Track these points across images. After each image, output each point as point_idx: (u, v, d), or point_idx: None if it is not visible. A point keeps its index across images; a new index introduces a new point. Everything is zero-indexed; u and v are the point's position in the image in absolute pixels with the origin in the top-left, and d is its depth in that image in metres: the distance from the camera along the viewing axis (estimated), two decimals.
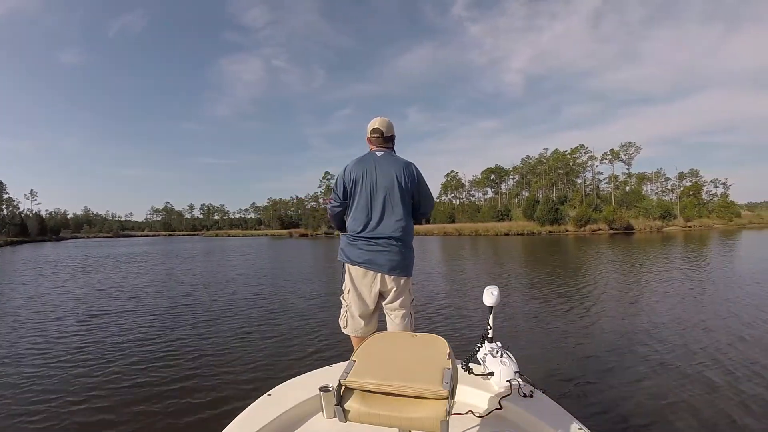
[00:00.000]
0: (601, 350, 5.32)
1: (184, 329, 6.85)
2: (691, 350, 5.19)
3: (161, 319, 7.62)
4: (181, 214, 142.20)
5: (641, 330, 6.18)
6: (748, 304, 7.88)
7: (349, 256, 2.40)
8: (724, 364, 4.64)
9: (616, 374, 4.45)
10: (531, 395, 1.67)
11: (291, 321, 7.34)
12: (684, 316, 6.99)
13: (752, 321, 6.55)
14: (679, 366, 4.63)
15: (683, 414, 3.51)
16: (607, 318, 7.07)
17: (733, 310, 7.40)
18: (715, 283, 10.41)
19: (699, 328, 6.24)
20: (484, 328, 2.04)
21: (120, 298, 10.08)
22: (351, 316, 2.43)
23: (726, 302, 8.07)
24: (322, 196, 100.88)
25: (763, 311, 7.21)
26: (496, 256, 21.95)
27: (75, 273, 16.74)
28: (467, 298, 9.15)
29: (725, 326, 6.27)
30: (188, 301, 9.48)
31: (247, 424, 1.53)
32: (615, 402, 3.78)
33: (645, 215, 56.77)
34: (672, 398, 3.82)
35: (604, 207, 58.19)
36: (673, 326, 6.36)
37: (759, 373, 4.36)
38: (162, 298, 9.99)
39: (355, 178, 2.43)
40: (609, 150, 73.11)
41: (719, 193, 69.94)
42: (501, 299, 2.08)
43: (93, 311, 8.47)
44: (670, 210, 58.38)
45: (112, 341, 6.15)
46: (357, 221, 2.41)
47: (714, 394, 3.88)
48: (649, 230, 52.38)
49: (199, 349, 5.67)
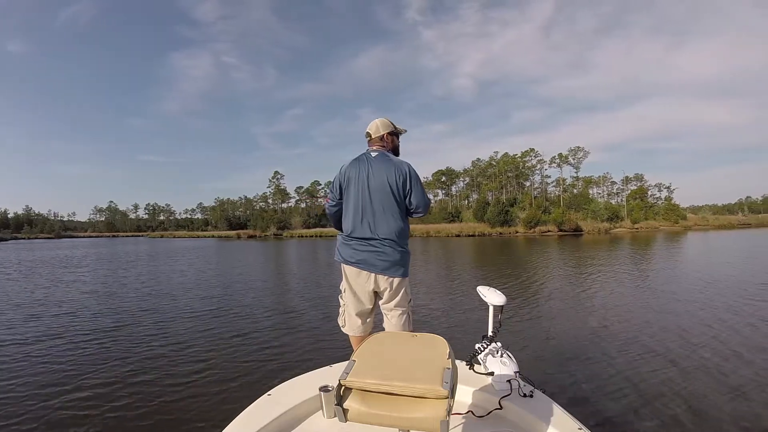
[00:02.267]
0: (601, 350, 5.35)
1: (184, 329, 6.89)
2: (690, 349, 5.27)
3: (161, 320, 7.65)
4: (126, 214, 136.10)
5: (641, 330, 6.23)
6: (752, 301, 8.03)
7: (343, 256, 2.42)
8: (729, 361, 4.74)
9: (616, 374, 4.47)
10: (531, 395, 1.67)
11: (291, 321, 7.38)
12: (675, 313, 7.21)
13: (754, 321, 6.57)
14: (679, 365, 4.69)
15: (683, 413, 3.57)
16: (606, 317, 7.13)
17: (733, 305, 7.62)
18: (700, 281, 10.79)
19: (693, 325, 6.41)
20: (489, 328, 2.05)
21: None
22: (349, 315, 2.46)
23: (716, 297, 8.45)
24: (271, 196, 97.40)
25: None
26: (458, 257, 21.87)
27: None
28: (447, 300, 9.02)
29: (727, 325, 6.37)
30: (189, 301, 9.54)
31: (247, 424, 1.53)
32: (615, 402, 3.82)
33: (593, 217, 57.86)
34: (672, 398, 3.87)
35: (553, 209, 59.21)
36: (667, 323, 6.52)
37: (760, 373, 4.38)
38: (163, 300, 9.85)
39: (349, 178, 2.45)
40: (558, 154, 75.64)
41: (663, 197, 72.80)
42: (505, 300, 2.05)
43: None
44: (617, 212, 59.82)
45: (106, 341, 6.19)
46: (350, 221, 2.43)
47: (714, 393, 3.94)
48: (597, 232, 53.04)
49: (199, 350, 5.72)
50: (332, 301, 8.73)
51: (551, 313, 7.60)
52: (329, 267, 17.02)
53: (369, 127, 2.57)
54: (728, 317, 6.83)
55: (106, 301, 9.70)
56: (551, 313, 7.54)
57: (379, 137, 2.54)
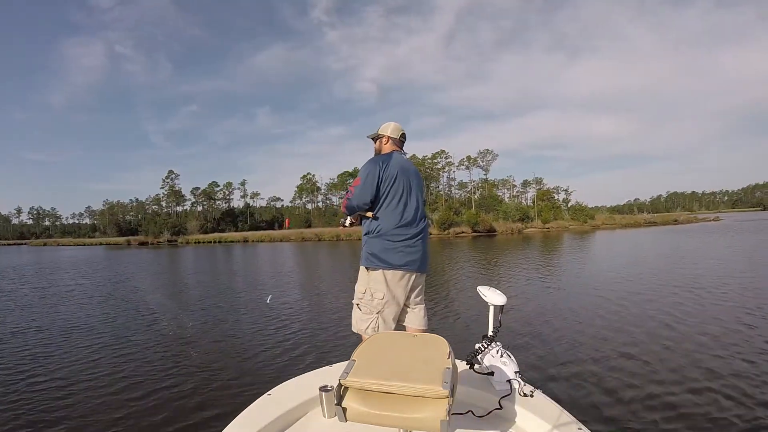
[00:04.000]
0: (600, 349, 5.40)
1: (184, 330, 7.12)
2: (689, 347, 5.34)
3: (162, 320, 7.96)
4: (8, 219, 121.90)
5: (640, 330, 6.26)
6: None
7: (389, 261, 2.36)
8: (735, 360, 4.80)
9: (616, 374, 4.51)
10: (531, 395, 1.68)
11: (290, 321, 7.54)
12: (663, 310, 7.41)
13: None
14: (679, 364, 4.74)
15: (683, 412, 3.61)
16: (603, 317, 7.15)
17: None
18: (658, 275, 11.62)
19: (687, 323, 6.55)
20: (489, 327, 2.03)
21: None
22: (383, 322, 2.39)
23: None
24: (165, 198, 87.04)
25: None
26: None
27: None
28: None
29: (732, 322, 6.50)
30: (193, 303, 10.07)
31: (247, 423, 1.54)
32: (615, 402, 3.86)
33: (504, 218, 58.01)
34: (672, 397, 3.90)
35: (465, 211, 58.64)
36: (663, 322, 6.63)
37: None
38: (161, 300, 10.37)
39: (391, 177, 2.42)
40: (466, 156, 77.83)
41: (562, 199, 76.36)
42: (505, 300, 2.02)
43: None
44: (527, 213, 60.71)
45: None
46: (394, 220, 2.40)
47: (715, 393, 3.96)
48: (510, 232, 52.98)
49: (199, 350, 5.88)
50: (333, 302, 9.33)
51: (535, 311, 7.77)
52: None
53: (393, 131, 2.65)
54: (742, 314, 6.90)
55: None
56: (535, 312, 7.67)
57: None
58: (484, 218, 55.60)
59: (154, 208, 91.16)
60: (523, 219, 58.08)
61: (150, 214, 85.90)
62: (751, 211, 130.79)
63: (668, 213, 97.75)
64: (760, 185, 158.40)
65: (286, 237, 57.68)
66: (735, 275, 11.03)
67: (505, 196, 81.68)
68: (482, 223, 54.04)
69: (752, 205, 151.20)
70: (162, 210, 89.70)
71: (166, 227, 71.29)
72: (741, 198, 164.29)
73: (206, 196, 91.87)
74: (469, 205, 66.53)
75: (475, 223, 53.37)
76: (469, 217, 54.60)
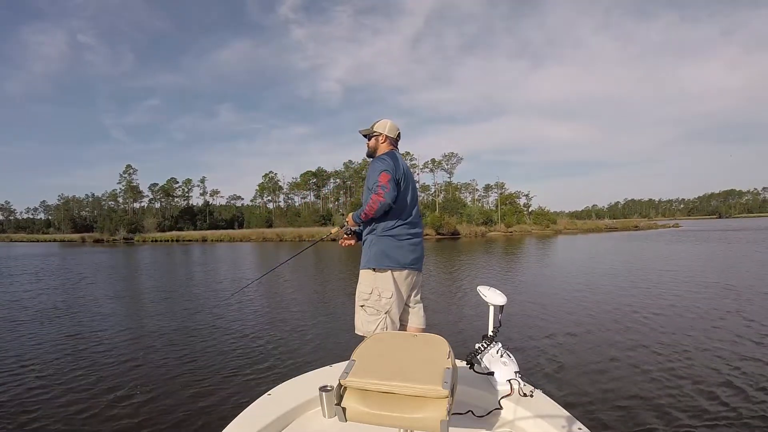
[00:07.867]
0: (599, 350, 5.42)
1: (184, 330, 7.04)
2: (689, 347, 5.34)
3: (160, 322, 7.75)
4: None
5: (639, 330, 6.28)
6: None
7: (399, 260, 2.40)
8: (728, 361, 4.81)
9: (616, 374, 4.54)
10: (531, 395, 1.68)
11: (290, 321, 7.47)
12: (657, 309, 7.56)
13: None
14: (679, 364, 4.75)
15: (683, 412, 3.62)
16: (602, 317, 7.22)
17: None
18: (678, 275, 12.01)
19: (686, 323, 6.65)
20: (489, 327, 2.04)
21: None
22: (391, 322, 2.41)
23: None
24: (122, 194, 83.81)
25: None
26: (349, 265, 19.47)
27: None
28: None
29: (731, 322, 6.61)
30: (189, 302, 9.84)
31: (247, 423, 1.53)
32: (615, 402, 3.86)
33: (468, 221, 58.42)
34: (672, 397, 3.91)
35: (428, 213, 58.63)
36: (662, 320, 6.80)
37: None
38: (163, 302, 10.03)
39: (402, 177, 2.43)
40: (431, 159, 78.30)
41: (522, 204, 77.50)
42: (506, 300, 2.00)
43: None
44: (491, 217, 61.49)
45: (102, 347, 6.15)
46: (402, 220, 2.43)
47: (716, 393, 3.96)
48: (474, 235, 53.35)
49: (199, 350, 5.85)
50: (332, 302, 9.28)
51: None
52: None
53: (390, 129, 2.61)
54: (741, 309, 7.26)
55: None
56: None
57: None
58: (448, 221, 55.69)
59: (110, 204, 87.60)
60: (486, 222, 58.63)
61: (106, 210, 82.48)
62: (707, 219, 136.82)
63: (627, 219, 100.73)
64: (715, 194, 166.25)
65: (246, 237, 56.37)
66: (731, 280, 10.94)
67: (468, 199, 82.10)
68: (446, 226, 54.08)
69: (707, 213, 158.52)
70: (119, 206, 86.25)
71: (122, 224, 68.38)
72: (696, 206, 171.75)
73: (164, 192, 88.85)
74: (432, 207, 66.77)
75: (439, 226, 53.39)
76: (433, 219, 54.59)
